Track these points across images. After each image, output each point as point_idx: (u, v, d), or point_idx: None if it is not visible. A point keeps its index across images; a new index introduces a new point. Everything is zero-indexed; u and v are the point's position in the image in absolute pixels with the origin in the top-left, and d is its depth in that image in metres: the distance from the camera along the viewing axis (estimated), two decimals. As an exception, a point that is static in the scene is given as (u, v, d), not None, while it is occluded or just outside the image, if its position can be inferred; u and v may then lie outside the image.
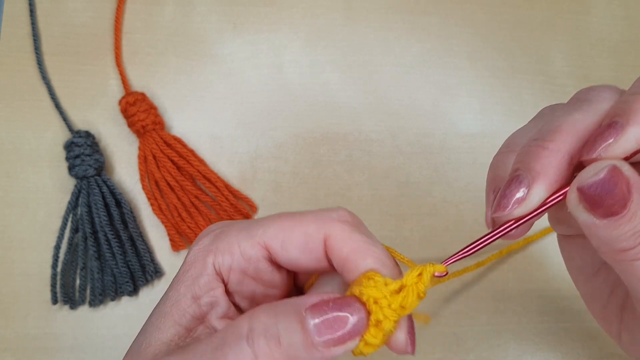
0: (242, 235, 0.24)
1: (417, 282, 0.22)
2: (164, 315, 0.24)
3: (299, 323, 0.21)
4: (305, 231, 0.23)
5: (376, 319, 0.21)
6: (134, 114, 0.43)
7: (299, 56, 0.49)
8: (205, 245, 0.25)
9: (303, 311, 0.21)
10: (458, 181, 0.47)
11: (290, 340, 0.20)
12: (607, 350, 0.44)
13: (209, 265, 0.24)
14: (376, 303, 0.21)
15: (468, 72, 0.50)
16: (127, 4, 0.48)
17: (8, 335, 0.40)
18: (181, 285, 0.24)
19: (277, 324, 0.21)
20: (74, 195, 0.42)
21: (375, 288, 0.22)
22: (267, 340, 0.20)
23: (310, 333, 0.20)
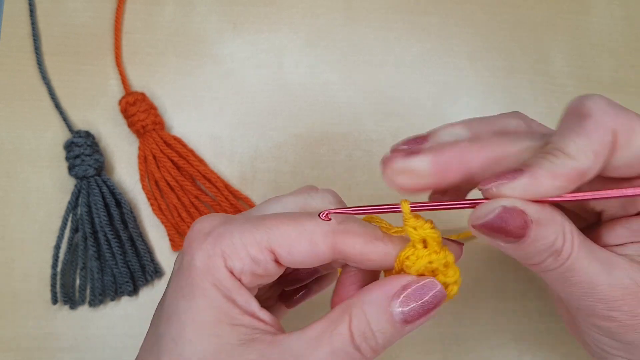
0: (247, 240, 0.24)
1: (416, 226, 0.25)
2: (214, 324, 0.24)
3: (388, 321, 0.23)
4: (311, 239, 0.24)
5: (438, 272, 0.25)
6: (133, 114, 0.43)
7: (299, 56, 0.49)
8: (209, 249, 0.24)
9: (389, 307, 0.23)
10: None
11: (384, 339, 0.24)
12: (607, 350, 0.44)
13: (223, 270, 0.24)
14: (430, 264, 0.25)
15: (468, 72, 0.50)
16: (127, 4, 0.48)
17: (8, 335, 0.40)
18: (208, 292, 0.24)
19: (375, 331, 0.23)
20: (73, 195, 0.42)
21: (417, 260, 0.25)
22: (369, 348, 0.23)
23: (397, 323, 0.23)
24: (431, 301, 0.24)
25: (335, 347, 0.23)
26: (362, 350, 0.23)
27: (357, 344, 0.23)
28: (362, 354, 0.23)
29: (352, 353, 0.23)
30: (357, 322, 0.23)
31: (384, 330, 0.23)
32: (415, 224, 0.25)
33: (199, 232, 0.25)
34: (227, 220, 0.26)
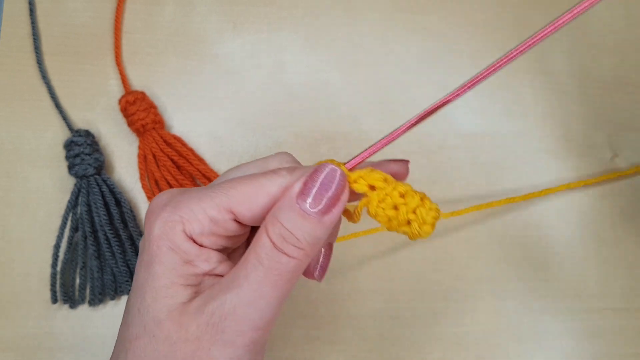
0: (206, 203, 0.25)
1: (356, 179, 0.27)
2: (168, 286, 0.25)
3: (298, 215, 0.24)
4: (269, 193, 0.25)
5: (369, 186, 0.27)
6: (133, 113, 0.43)
7: (299, 56, 0.49)
8: (166, 217, 0.25)
9: (296, 203, 0.25)
10: (458, 180, 0.47)
11: (304, 234, 0.24)
12: (607, 350, 0.44)
13: (180, 234, 0.25)
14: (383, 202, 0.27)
15: (468, 71, 0.50)
16: (127, 4, 0.48)
17: (7, 335, 0.40)
18: (165, 257, 0.25)
19: (289, 229, 0.24)
20: (73, 195, 0.42)
21: (370, 204, 0.27)
22: (291, 246, 0.24)
23: (310, 216, 0.25)
24: (329, 182, 0.25)
25: (262, 258, 0.24)
26: (287, 250, 0.24)
27: (278, 246, 0.24)
28: (288, 255, 0.24)
29: (278, 256, 0.24)
30: (271, 227, 0.25)
31: (300, 226, 0.24)
32: (355, 176, 0.27)
33: (157, 205, 0.26)
34: (186, 191, 0.27)
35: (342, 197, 0.25)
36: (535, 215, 0.46)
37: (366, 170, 0.27)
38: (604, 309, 0.45)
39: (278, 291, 0.24)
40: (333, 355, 0.42)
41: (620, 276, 0.46)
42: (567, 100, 0.50)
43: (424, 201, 0.27)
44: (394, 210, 0.27)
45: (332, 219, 0.25)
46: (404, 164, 0.31)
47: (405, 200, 0.27)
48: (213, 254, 0.26)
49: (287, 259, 0.24)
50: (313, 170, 0.26)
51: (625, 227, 0.47)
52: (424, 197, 0.27)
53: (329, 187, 0.25)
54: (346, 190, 0.26)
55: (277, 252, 0.24)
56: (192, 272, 0.25)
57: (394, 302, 0.43)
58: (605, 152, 0.49)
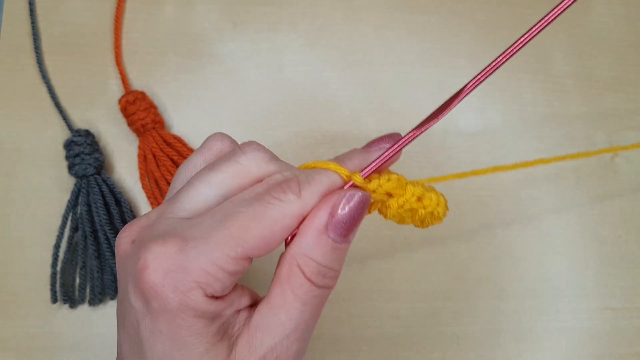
0: (220, 261, 0.22)
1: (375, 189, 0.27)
2: (207, 351, 0.23)
3: (332, 249, 0.24)
4: (284, 226, 0.24)
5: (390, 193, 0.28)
6: (133, 113, 0.43)
7: (299, 56, 0.49)
8: (182, 286, 0.22)
9: (327, 237, 0.24)
10: (458, 180, 0.47)
11: (340, 262, 0.25)
12: (607, 350, 0.44)
13: (202, 300, 0.22)
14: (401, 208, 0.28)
15: (468, 71, 0.50)
16: (127, 3, 0.48)
17: (7, 335, 0.40)
18: (193, 326, 0.23)
19: (327, 265, 0.24)
20: (73, 194, 0.42)
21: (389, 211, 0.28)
22: (329, 278, 0.25)
23: (343, 244, 0.25)
24: (357, 210, 0.25)
25: (305, 299, 0.24)
26: (325, 284, 0.25)
27: (319, 284, 0.24)
28: (327, 286, 0.25)
29: (320, 292, 0.25)
30: (308, 269, 0.24)
31: (334, 259, 0.25)
32: (373, 186, 0.27)
33: (158, 272, 0.22)
34: (184, 246, 0.22)
35: (364, 214, 0.25)
36: (535, 215, 0.46)
37: (383, 178, 0.27)
38: (604, 309, 0.45)
39: (318, 316, 0.26)
40: (333, 355, 0.42)
41: (620, 276, 0.46)
42: (567, 100, 0.50)
43: (440, 200, 0.28)
44: (410, 212, 0.28)
45: (355, 235, 0.25)
46: (399, 153, 0.29)
47: (422, 203, 0.28)
48: (235, 296, 0.25)
49: (328, 291, 0.25)
50: (338, 199, 0.24)
51: (625, 227, 0.47)
52: (434, 191, 0.28)
53: (357, 214, 0.25)
54: (367, 207, 0.26)
55: (318, 290, 0.25)
56: (220, 322, 0.24)
57: (394, 302, 0.43)
58: (605, 152, 0.49)
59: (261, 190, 0.24)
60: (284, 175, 0.25)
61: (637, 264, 0.46)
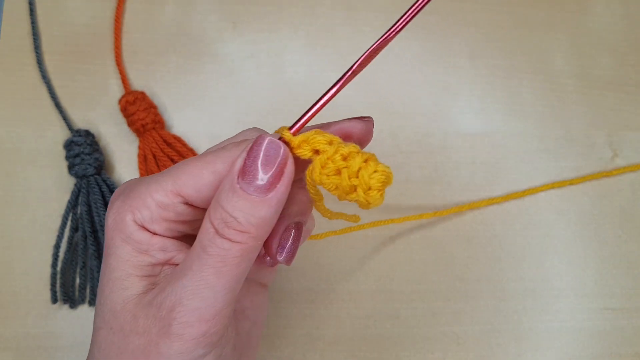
0: (152, 188, 0.24)
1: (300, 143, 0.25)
2: (123, 278, 0.24)
3: (239, 196, 0.23)
4: (214, 170, 0.24)
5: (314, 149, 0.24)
6: (133, 113, 0.43)
7: (299, 55, 0.49)
8: (118, 207, 0.24)
9: (237, 185, 0.23)
10: (458, 180, 0.47)
11: (246, 216, 0.23)
12: (607, 350, 0.44)
13: (131, 224, 0.24)
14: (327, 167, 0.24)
15: (468, 71, 0.50)
16: (127, 3, 0.48)
17: (8, 334, 0.40)
18: (119, 249, 0.24)
19: (230, 212, 0.23)
20: (73, 194, 0.42)
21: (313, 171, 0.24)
22: (233, 230, 0.23)
23: (251, 195, 0.23)
24: (269, 155, 0.23)
25: (205, 245, 0.23)
26: (230, 235, 0.23)
27: (220, 232, 0.23)
28: (232, 240, 0.23)
29: (220, 242, 0.23)
30: (213, 212, 0.23)
31: (241, 207, 0.22)
32: (298, 141, 0.24)
33: (114, 195, 0.25)
34: (140, 179, 0.25)
35: (286, 169, 0.23)
36: (535, 215, 0.46)
37: (311, 132, 0.24)
38: (604, 309, 0.45)
39: (224, 279, 0.23)
40: (333, 355, 0.42)
41: (620, 276, 0.46)
42: (567, 100, 0.50)
43: (369, 162, 0.23)
44: (338, 176, 0.24)
45: (278, 196, 0.23)
46: (363, 121, 0.27)
47: (347, 163, 0.23)
48: (169, 242, 0.25)
49: (230, 245, 0.23)
50: (252, 143, 0.23)
51: (625, 227, 0.47)
52: (371, 158, 0.23)
53: (270, 160, 0.23)
54: (289, 162, 0.23)
55: (219, 238, 0.23)
56: (148, 262, 0.24)
57: (394, 302, 0.43)
58: (605, 152, 0.49)
59: None
60: (248, 135, 0.26)
61: (637, 264, 0.46)
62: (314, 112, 0.25)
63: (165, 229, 0.25)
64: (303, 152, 0.24)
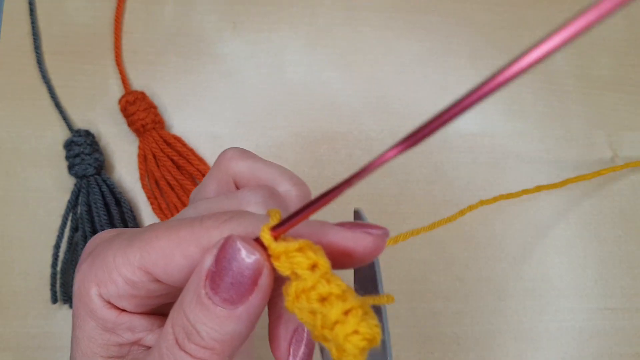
0: (119, 261, 0.21)
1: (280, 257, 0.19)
2: (88, 355, 0.22)
3: (202, 306, 0.19)
4: (186, 254, 0.20)
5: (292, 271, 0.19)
6: (133, 113, 0.43)
7: (299, 56, 0.49)
8: (84, 273, 0.21)
9: (202, 290, 0.19)
10: (458, 180, 0.47)
11: (209, 331, 0.19)
12: (607, 350, 0.44)
13: (95, 299, 0.21)
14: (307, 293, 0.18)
15: (468, 71, 0.50)
16: (127, 3, 0.48)
17: (7, 334, 0.40)
18: (84, 322, 0.22)
19: (192, 323, 0.19)
20: (73, 194, 0.42)
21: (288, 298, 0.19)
22: (194, 345, 0.19)
23: (218, 307, 0.19)
24: (244, 270, 0.19)
25: (162, 354, 0.20)
26: (188, 349, 0.19)
27: (180, 343, 0.19)
28: (191, 355, 0.19)
29: (180, 356, 0.19)
30: (176, 316, 0.20)
31: (204, 320, 0.19)
32: (279, 251, 0.19)
33: (84, 251, 0.22)
34: (115, 236, 0.22)
35: (260, 281, 0.19)
36: (535, 215, 0.46)
37: (294, 245, 0.18)
38: (604, 309, 0.45)
39: None
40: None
41: (620, 276, 0.46)
42: (567, 100, 0.50)
43: (349, 317, 0.17)
44: (311, 316, 0.18)
45: (249, 311, 0.19)
46: (372, 237, 0.21)
47: (323, 307, 0.18)
48: (137, 321, 0.22)
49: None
50: (221, 243, 0.19)
51: (625, 227, 0.47)
52: (354, 310, 0.17)
53: (241, 270, 0.19)
54: (265, 273, 0.19)
55: (178, 351, 0.19)
56: (114, 341, 0.22)
57: (394, 302, 0.43)
58: (605, 152, 0.49)
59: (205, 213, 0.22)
60: (232, 205, 0.22)
61: (637, 264, 0.46)
62: (305, 214, 0.18)
63: (135, 306, 0.22)
64: (281, 267, 0.19)
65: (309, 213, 0.18)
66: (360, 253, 0.21)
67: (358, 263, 0.21)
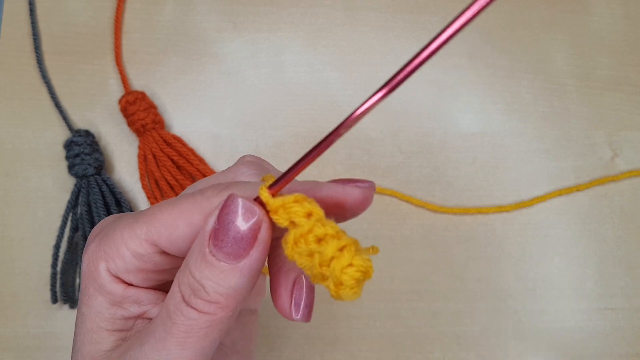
0: (126, 235, 0.22)
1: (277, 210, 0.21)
2: (94, 330, 0.23)
3: (206, 263, 0.20)
4: (190, 222, 0.21)
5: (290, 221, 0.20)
6: (133, 113, 0.43)
7: (299, 55, 0.49)
8: (92, 252, 0.23)
9: (206, 249, 0.20)
10: (458, 180, 0.47)
11: (214, 286, 0.20)
12: (607, 350, 0.44)
13: (104, 274, 0.22)
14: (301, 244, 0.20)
15: (468, 71, 0.50)
16: (127, 3, 0.48)
17: (8, 334, 0.40)
18: (91, 299, 0.23)
19: (198, 279, 0.20)
20: (73, 194, 0.42)
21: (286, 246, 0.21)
22: (200, 300, 0.20)
23: (221, 262, 0.20)
24: (246, 226, 0.20)
25: (170, 312, 0.21)
26: (196, 305, 0.20)
27: (186, 299, 0.21)
28: (198, 310, 0.20)
29: (187, 311, 0.20)
30: (182, 275, 0.21)
31: (209, 276, 0.20)
32: (276, 205, 0.20)
33: (91, 235, 0.24)
34: (119, 218, 0.23)
35: (259, 235, 0.20)
36: (535, 215, 0.46)
37: (290, 198, 0.20)
38: (604, 309, 0.45)
39: (189, 351, 0.20)
40: (333, 355, 0.42)
41: (620, 276, 0.46)
42: (567, 100, 0.50)
43: (344, 252, 0.19)
44: (309, 258, 0.20)
45: (251, 264, 0.20)
46: (360, 189, 0.23)
47: (320, 247, 0.19)
48: (144, 295, 0.23)
49: (196, 315, 0.20)
50: (222, 203, 0.20)
51: (625, 227, 0.47)
52: (348, 246, 0.19)
53: (230, 222, 0.20)
54: (264, 227, 0.20)
55: (185, 307, 0.20)
56: (120, 315, 0.23)
57: (394, 302, 0.43)
58: (605, 152, 0.49)
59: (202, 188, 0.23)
60: (228, 179, 0.24)
61: (637, 264, 0.46)
62: (297, 171, 0.21)
63: (142, 280, 0.23)
64: (279, 220, 0.20)
65: (301, 169, 0.20)
66: (351, 204, 0.23)
67: (350, 215, 0.23)
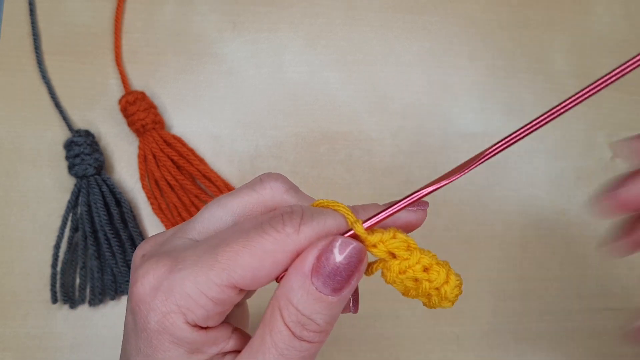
0: (202, 284, 0.21)
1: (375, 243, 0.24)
2: None
3: (315, 299, 0.22)
4: (274, 261, 0.22)
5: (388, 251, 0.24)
6: (133, 113, 0.43)
7: (299, 56, 0.49)
8: (162, 309, 0.22)
9: (311, 286, 0.22)
10: (458, 180, 0.47)
11: (324, 318, 0.22)
12: (607, 350, 0.44)
13: (183, 327, 0.22)
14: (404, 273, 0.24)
15: (468, 71, 0.50)
16: (127, 3, 0.48)
17: (7, 334, 0.40)
18: (168, 351, 0.22)
19: (308, 315, 0.22)
20: (73, 195, 0.42)
21: (389, 273, 0.24)
22: (312, 332, 0.22)
23: (328, 297, 0.22)
24: (349, 261, 0.22)
25: (281, 348, 0.22)
26: (307, 337, 0.22)
27: (298, 335, 0.22)
28: (309, 342, 0.22)
29: (299, 345, 0.22)
30: (287, 314, 0.22)
31: (318, 310, 0.22)
32: (374, 240, 0.23)
33: (145, 288, 0.22)
34: (173, 266, 0.22)
35: (360, 268, 0.23)
36: (536, 215, 0.46)
37: (387, 233, 0.24)
38: (604, 309, 0.45)
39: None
40: (333, 355, 0.42)
41: (620, 276, 0.46)
42: (567, 100, 0.50)
43: (450, 277, 0.24)
44: (414, 282, 0.24)
45: (350, 292, 0.22)
46: (421, 212, 0.27)
47: (428, 275, 0.24)
48: (219, 333, 0.23)
49: (309, 346, 0.22)
50: (327, 243, 0.22)
51: (625, 227, 0.47)
52: (451, 272, 0.24)
53: (347, 265, 0.22)
54: (365, 262, 0.23)
55: (297, 341, 0.22)
56: (199, 359, 0.23)
57: (394, 302, 0.43)
58: (605, 152, 0.49)
59: (263, 220, 0.23)
60: (291, 207, 0.24)
61: (637, 264, 0.46)
62: (392, 212, 0.24)
63: (219, 320, 0.23)
64: (378, 252, 0.24)
65: (392, 213, 0.24)
66: (416, 225, 0.27)
67: (411, 231, 0.27)
